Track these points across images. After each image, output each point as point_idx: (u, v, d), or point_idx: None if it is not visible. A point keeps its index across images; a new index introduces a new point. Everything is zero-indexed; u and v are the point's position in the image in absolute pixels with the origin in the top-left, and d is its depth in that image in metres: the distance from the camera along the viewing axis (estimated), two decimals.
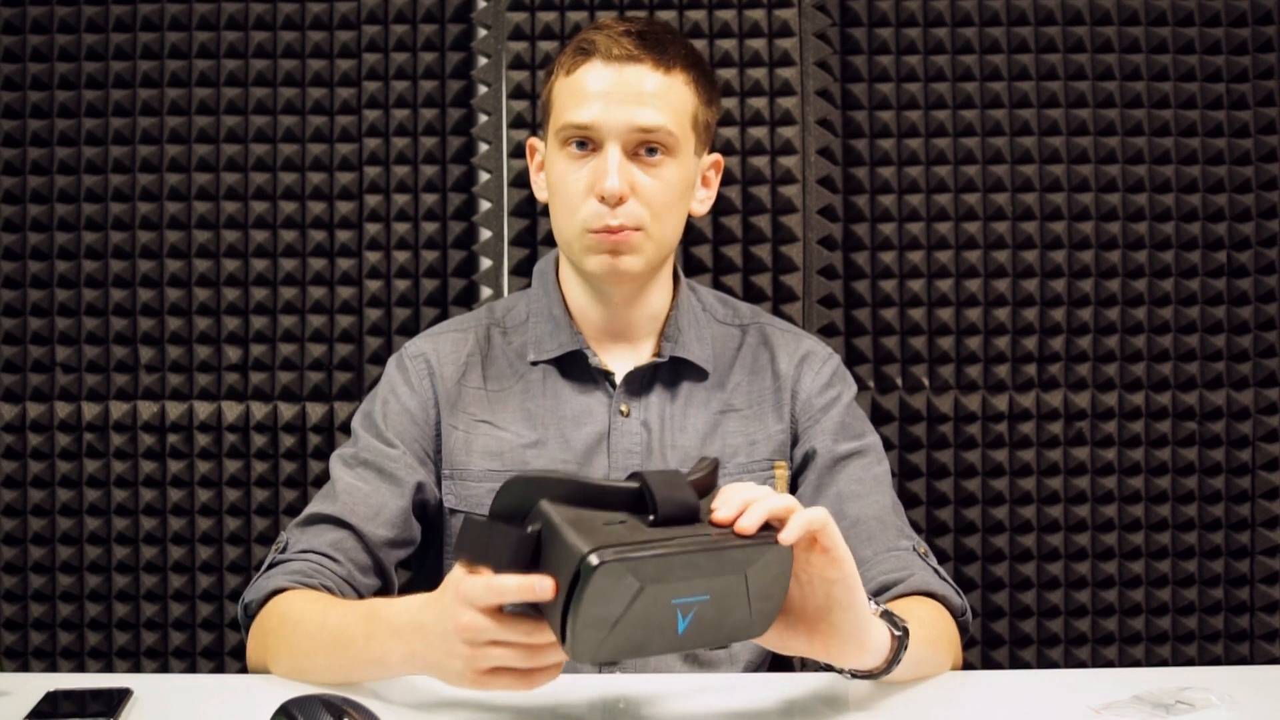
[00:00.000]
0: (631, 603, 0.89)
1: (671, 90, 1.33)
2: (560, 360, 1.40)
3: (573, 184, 1.34)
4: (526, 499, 0.93)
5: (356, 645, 1.09)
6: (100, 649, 1.82)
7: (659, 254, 1.37)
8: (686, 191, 1.38)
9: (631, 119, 1.31)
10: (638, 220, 1.32)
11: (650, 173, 1.33)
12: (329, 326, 1.82)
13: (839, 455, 1.38)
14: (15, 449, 1.81)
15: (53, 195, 1.81)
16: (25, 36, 1.80)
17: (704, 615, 0.93)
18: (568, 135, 1.33)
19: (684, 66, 1.35)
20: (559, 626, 0.90)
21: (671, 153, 1.33)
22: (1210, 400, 1.81)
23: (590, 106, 1.32)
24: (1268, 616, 1.81)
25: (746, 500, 0.97)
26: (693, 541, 0.92)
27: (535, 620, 0.94)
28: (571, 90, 1.34)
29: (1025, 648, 1.83)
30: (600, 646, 0.90)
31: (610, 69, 1.32)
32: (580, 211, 1.33)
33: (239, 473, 1.81)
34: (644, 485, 0.94)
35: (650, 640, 0.92)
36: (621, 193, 1.30)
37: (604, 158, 1.31)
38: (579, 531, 0.89)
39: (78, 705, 1.06)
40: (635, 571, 0.88)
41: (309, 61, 1.81)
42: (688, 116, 1.35)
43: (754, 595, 0.95)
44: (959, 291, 1.81)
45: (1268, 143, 1.79)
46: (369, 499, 1.33)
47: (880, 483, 1.39)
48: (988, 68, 1.80)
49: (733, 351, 1.44)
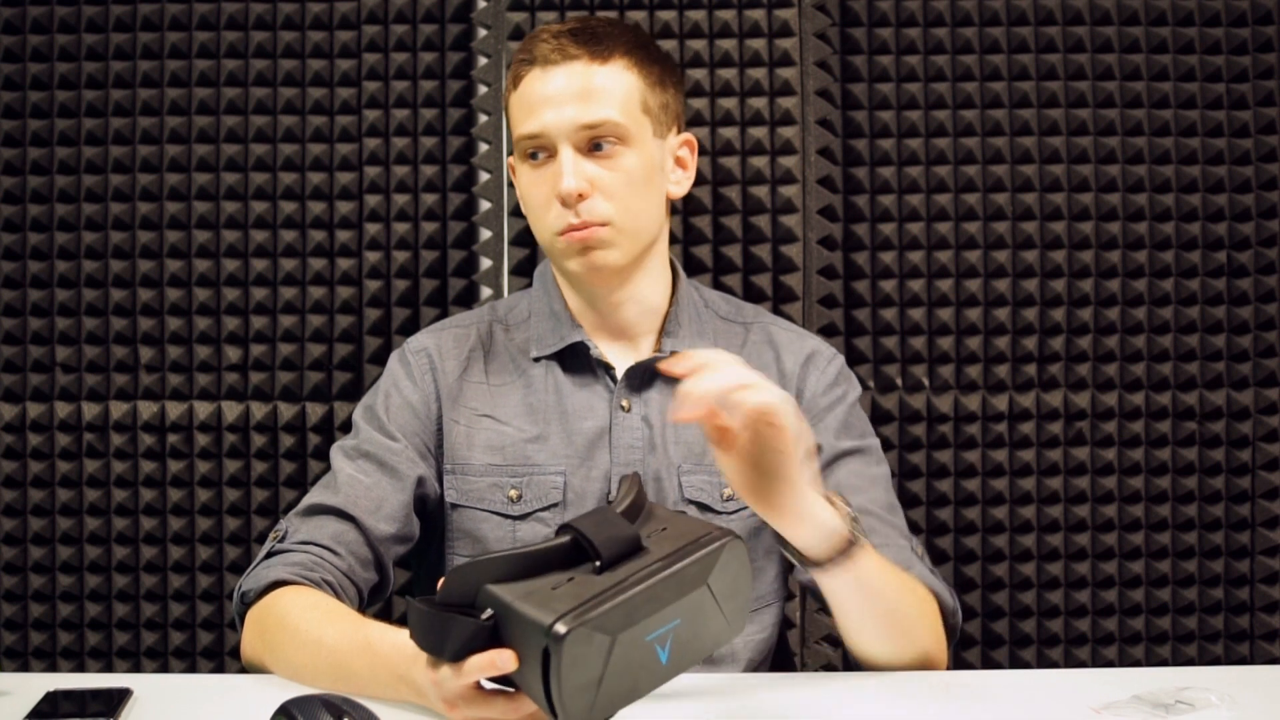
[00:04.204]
0: (609, 657, 0.87)
1: (612, 80, 1.34)
2: (562, 355, 1.41)
3: (536, 193, 1.36)
4: (471, 585, 0.91)
5: (359, 679, 1.10)
6: (100, 649, 1.82)
7: (636, 244, 1.37)
8: (652, 177, 1.37)
9: (575, 118, 1.32)
10: (603, 215, 1.33)
11: (606, 165, 1.33)
12: (329, 326, 1.82)
13: (841, 451, 1.38)
14: (15, 449, 1.81)
15: (53, 195, 1.81)
16: (25, 36, 1.80)
17: (681, 638, 0.92)
18: (524, 147, 1.36)
19: (623, 53, 1.35)
20: (545, 704, 0.88)
21: (626, 142, 1.34)
22: (1210, 400, 1.81)
23: (539, 115, 1.33)
24: (1268, 616, 1.81)
25: (699, 365, 1.04)
26: (646, 573, 0.90)
27: (517, 695, 0.94)
28: (520, 102, 1.36)
29: (1025, 648, 1.83)
30: (593, 709, 0.88)
31: (548, 73, 1.34)
32: (548, 217, 1.35)
33: (239, 473, 1.81)
34: (579, 535, 0.92)
35: (639, 683, 0.91)
36: (579, 190, 1.32)
37: (558, 160, 1.33)
38: (534, 605, 0.87)
39: (78, 705, 1.06)
40: (602, 627, 0.86)
41: (309, 61, 1.81)
42: (635, 103, 1.35)
43: (721, 599, 0.94)
44: (959, 291, 1.81)
45: (1268, 143, 1.79)
46: (370, 492, 1.33)
47: (880, 482, 1.39)
48: (988, 68, 1.80)
49: (736, 349, 1.44)
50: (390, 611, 1.79)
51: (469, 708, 0.96)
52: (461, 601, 0.91)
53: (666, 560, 0.91)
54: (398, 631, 1.07)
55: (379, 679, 1.08)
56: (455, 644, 0.91)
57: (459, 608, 0.91)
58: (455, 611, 0.91)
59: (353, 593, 1.30)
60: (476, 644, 0.90)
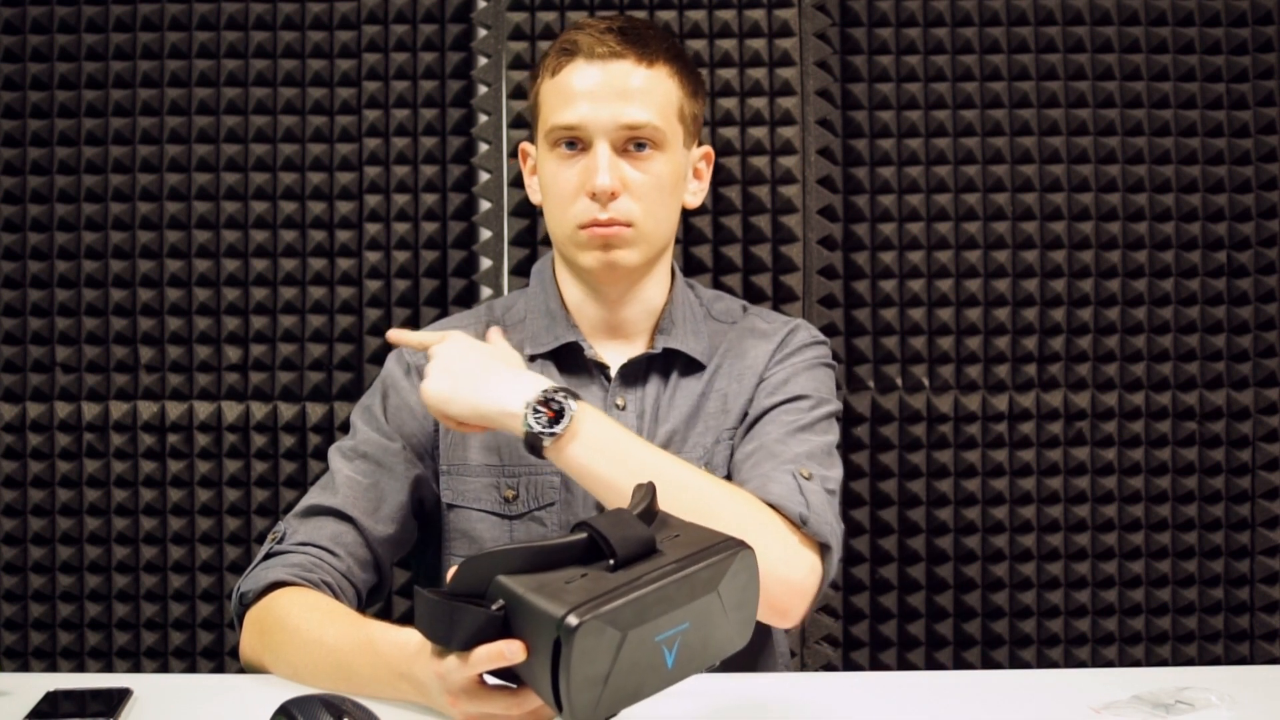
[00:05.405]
0: (618, 653, 0.87)
1: (656, 84, 1.35)
2: (557, 354, 1.41)
3: (564, 183, 1.35)
4: (483, 576, 0.91)
5: (360, 678, 1.10)
6: (100, 649, 1.82)
7: (652, 248, 1.38)
8: (677, 184, 1.39)
9: (618, 116, 1.32)
10: (629, 215, 1.33)
11: (640, 167, 1.34)
12: (329, 326, 1.82)
13: (767, 406, 1.37)
14: (15, 449, 1.81)
15: (53, 195, 1.81)
16: (25, 36, 1.80)
17: (689, 642, 0.92)
18: (557, 137, 1.35)
19: (666, 60, 1.36)
20: (551, 697, 0.88)
21: (660, 147, 1.35)
22: (1210, 400, 1.81)
23: (577, 107, 1.33)
24: (1268, 616, 1.81)
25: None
26: (659, 574, 0.90)
27: (520, 690, 0.94)
28: (558, 91, 1.35)
29: (1025, 648, 1.83)
30: (598, 705, 0.88)
31: (594, 67, 1.33)
32: (572, 209, 1.34)
33: (239, 473, 1.81)
34: (594, 533, 0.92)
35: (644, 683, 0.91)
36: (613, 189, 1.32)
37: (594, 155, 1.33)
38: (546, 597, 0.87)
39: (78, 705, 1.06)
40: (613, 622, 0.86)
41: (309, 61, 1.81)
42: (674, 110, 1.36)
43: (729, 607, 0.95)
44: (959, 291, 1.81)
45: (1268, 143, 1.79)
46: (369, 493, 1.34)
47: (792, 426, 1.35)
48: (988, 68, 1.80)
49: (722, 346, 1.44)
50: (390, 612, 1.79)
51: (472, 702, 0.96)
52: (472, 592, 0.91)
53: (680, 563, 0.92)
54: (399, 630, 1.07)
55: (380, 677, 1.08)
56: (464, 633, 0.91)
57: (468, 598, 0.92)
58: (465, 602, 0.91)
59: (351, 593, 1.30)
60: (486, 634, 0.90)
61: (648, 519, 0.97)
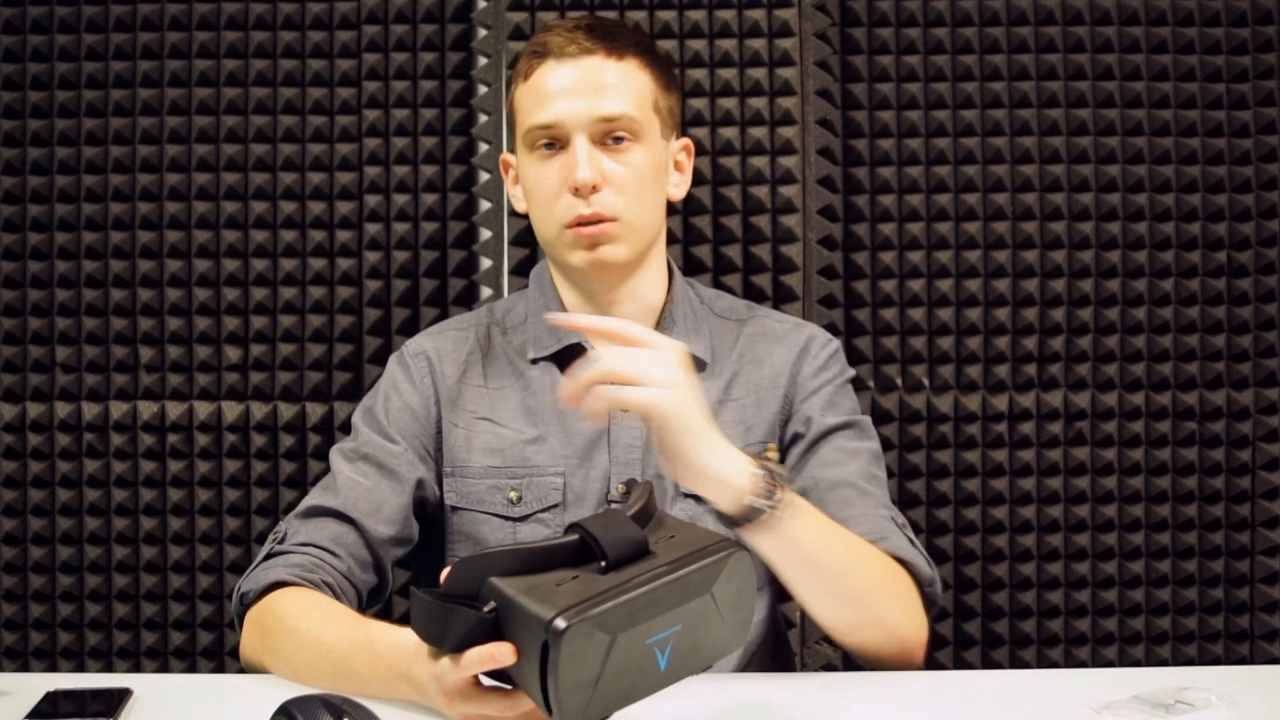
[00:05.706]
0: (607, 656, 0.86)
1: (628, 77, 1.36)
2: (559, 356, 1.41)
3: (546, 183, 1.36)
4: (476, 578, 0.91)
5: (359, 678, 1.10)
6: (100, 649, 1.82)
7: (639, 241, 1.38)
8: (659, 175, 1.39)
9: (594, 109, 1.33)
10: (612, 209, 1.34)
11: (619, 160, 1.35)
12: (329, 326, 1.82)
13: (827, 427, 1.38)
14: (15, 449, 1.81)
15: (53, 195, 1.81)
16: (25, 36, 1.80)
17: (681, 645, 0.91)
18: (535, 138, 1.36)
19: (636, 53, 1.38)
20: (541, 700, 0.87)
21: (638, 138, 1.35)
22: (1210, 400, 1.81)
23: (553, 105, 1.34)
24: (1268, 616, 1.81)
25: (607, 330, 1.15)
26: (650, 577, 0.89)
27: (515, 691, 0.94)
28: (532, 94, 1.36)
29: (1025, 648, 1.83)
30: (588, 708, 0.87)
31: (566, 65, 1.35)
32: (556, 208, 1.35)
33: (239, 473, 1.81)
34: (586, 534, 0.92)
35: (636, 686, 0.90)
36: (594, 181, 1.32)
37: (572, 151, 1.34)
38: (536, 599, 0.87)
39: (78, 705, 1.06)
40: (602, 625, 0.86)
41: (309, 61, 1.81)
42: (648, 101, 1.37)
43: (724, 609, 0.94)
44: (959, 291, 1.81)
45: (1268, 143, 1.79)
46: (370, 494, 1.33)
47: (862, 454, 1.38)
48: (988, 68, 1.80)
49: (732, 343, 1.44)
50: (390, 613, 1.79)
51: (467, 702, 0.96)
52: (465, 593, 0.91)
53: (672, 565, 0.91)
54: (398, 630, 1.07)
55: (380, 677, 1.08)
56: (456, 635, 0.91)
57: (462, 599, 0.91)
58: (458, 603, 0.91)
59: (351, 594, 1.30)
60: (477, 636, 0.90)
61: (643, 519, 0.97)
